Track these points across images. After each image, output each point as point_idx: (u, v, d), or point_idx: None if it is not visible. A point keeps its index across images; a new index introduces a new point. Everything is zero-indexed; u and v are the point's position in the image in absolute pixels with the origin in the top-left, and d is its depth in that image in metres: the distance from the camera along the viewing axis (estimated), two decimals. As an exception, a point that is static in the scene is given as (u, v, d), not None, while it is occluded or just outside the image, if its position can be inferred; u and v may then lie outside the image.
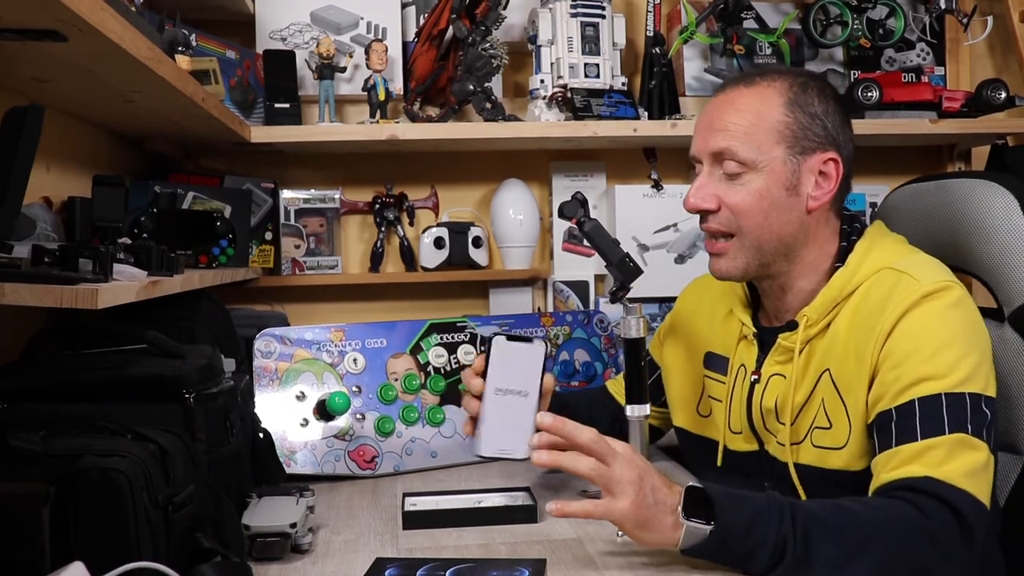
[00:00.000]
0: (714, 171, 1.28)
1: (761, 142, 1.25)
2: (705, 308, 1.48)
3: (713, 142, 1.27)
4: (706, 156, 1.28)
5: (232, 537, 1.06)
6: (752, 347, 1.35)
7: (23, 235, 1.16)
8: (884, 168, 2.23)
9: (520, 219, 2.11)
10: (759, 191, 1.25)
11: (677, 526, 1.06)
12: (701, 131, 1.30)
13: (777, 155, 1.25)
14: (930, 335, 1.16)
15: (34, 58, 1.09)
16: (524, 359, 1.29)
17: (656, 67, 2.09)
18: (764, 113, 1.26)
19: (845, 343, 1.23)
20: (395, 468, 1.58)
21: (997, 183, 1.37)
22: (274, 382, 1.55)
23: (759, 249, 1.27)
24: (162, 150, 1.91)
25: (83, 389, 1.07)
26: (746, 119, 1.25)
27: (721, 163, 1.27)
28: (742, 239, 1.27)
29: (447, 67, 2.05)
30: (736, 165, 1.25)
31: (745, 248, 1.27)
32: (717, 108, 1.29)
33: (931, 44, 2.28)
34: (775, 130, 1.25)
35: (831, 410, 1.23)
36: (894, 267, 1.23)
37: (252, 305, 2.05)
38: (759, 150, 1.24)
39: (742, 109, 1.26)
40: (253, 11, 2.04)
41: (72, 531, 0.87)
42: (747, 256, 1.28)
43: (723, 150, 1.26)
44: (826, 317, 1.26)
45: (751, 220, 1.26)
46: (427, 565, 1.10)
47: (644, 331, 1.34)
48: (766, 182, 1.25)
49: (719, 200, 1.27)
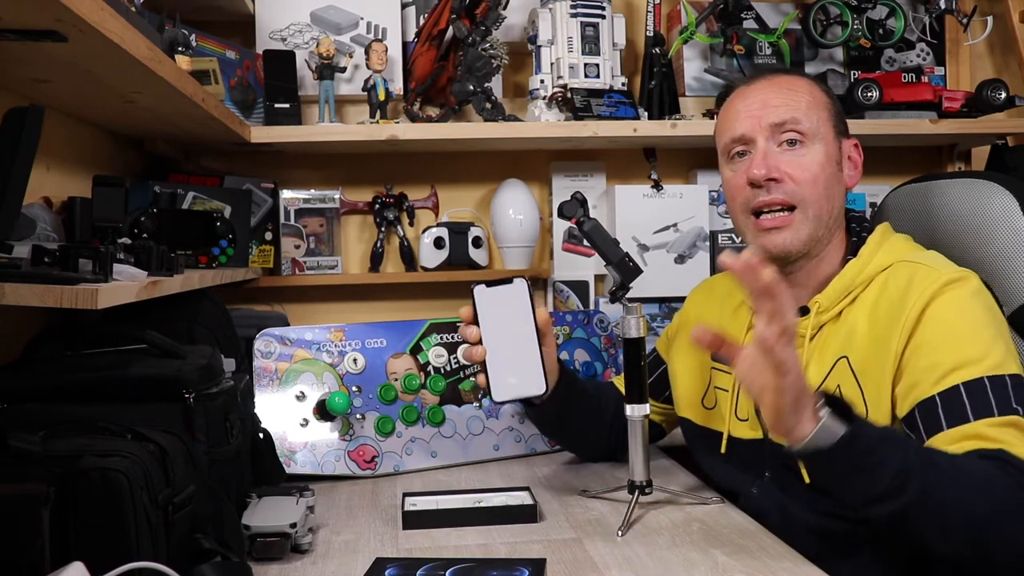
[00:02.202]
0: (771, 144, 1.31)
1: (818, 116, 1.31)
2: (714, 306, 1.49)
3: (775, 115, 1.30)
4: (764, 130, 1.30)
5: (232, 537, 1.06)
6: None
7: (23, 235, 1.16)
8: (884, 168, 2.23)
9: (520, 219, 2.11)
10: (820, 162, 1.29)
11: (814, 419, 1.03)
12: (753, 111, 1.32)
13: (829, 131, 1.31)
14: (959, 321, 1.18)
15: (34, 58, 1.09)
16: (510, 301, 1.31)
17: (656, 67, 2.09)
18: (815, 93, 1.33)
19: (865, 332, 1.24)
20: (395, 468, 1.58)
21: (997, 183, 1.38)
22: (274, 382, 1.55)
23: (819, 220, 1.30)
24: (162, 150, 1.91)
25: (83, 389, 1.07)
26: (803, 95, 1.31)
27: (780, 135, 1.30)
28: (805, 210, 1.29)
29: (447, 67, 2.05)
30: (797, 135, 1.29)
31: (808, 220, 1.29)
32: (766, 89, 1.33)
33: (931, 44, 2.28)
34: (825, 107, 1.32)
35: (848, 395, 1.23)
36: (909, 259, 1.27)
37: (252, 305, 2.05)
38: (818, 122, 1.30)
39: (797, 88, 1.32)
40: (253, 11, 2.04)
41: (72, 531, 0.87)
42: (810, 227, 1.29)
43: (787, 120, 1.29)
44: (838, 305, 1.28)
45: (815, 190, 1.29)
46: (427, 565, 1.10)
47: (644, 331, 1.34)
48: (824, 154, 1.30)
49: (782, 171, 1.29)
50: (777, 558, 1.13)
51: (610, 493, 1.40)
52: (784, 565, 1.10)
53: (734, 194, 1.34)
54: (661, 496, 1.36)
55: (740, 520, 1.28)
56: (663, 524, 1.27)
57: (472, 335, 1.31)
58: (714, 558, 1.13)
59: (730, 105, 1.36)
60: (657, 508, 1.34)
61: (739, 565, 1.11)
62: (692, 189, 2.17)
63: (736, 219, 1.36)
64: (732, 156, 1.35)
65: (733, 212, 1.36)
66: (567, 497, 1.41)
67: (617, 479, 1.45)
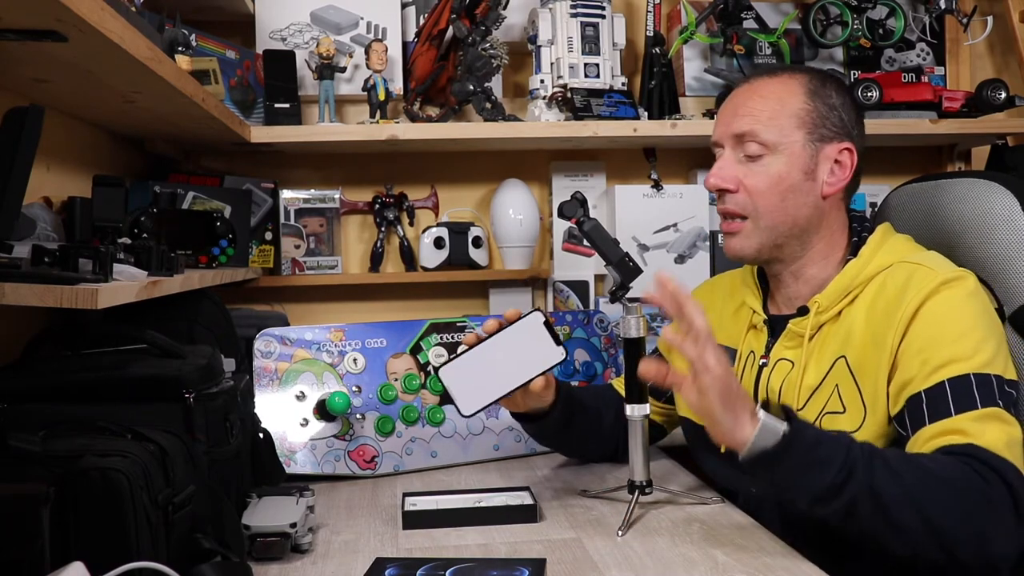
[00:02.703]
0: (735, 154, 1.33)
1: (783, 126, 1.30)
2: (716, 306, 1.49)
3: (737, 125, 1.32)
4: (728, 139, 1.33)
5: (232, 537, 1.06)
6: (762, 334, 1.38)
7: (23, 235, 1.16)
8: (884, 168, 2.23)
9: (520, 219, 2.11)
10: (778, 174, 1.30)
11: (753, 421, 1.09)
12: (725, 117, 1.35)
13: (797, 139, 1.30)
14: (952, 320, 1.20)
15: (34, 58, 1.09)
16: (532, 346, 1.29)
17: (656, 67, 2.09)
18: (786, 100, 1.32)
19: (863, 331, 1.25)
20: (395, 468, 1.58)
21: (998, 183, 1.37)
22: (274, 382, 1.55)
23: (773, 230, 1.31)
24: (162, 150, 1.91)
25: (83, 389, 1.07)
26: (770, 105, 1.31)
27: (743, 146, 1.32)
28: (756, 220, 1.32)
29: (447, 67, 2.05)
30: (757, 147, 1.30)
31: (759, 229, 1.32)
32: (742, 95, 1.35)
33: (931, 44, 2.28)
34: (796, 116, 1.31)
35: (846, 395, 1.25)
36: (908, 260, 1.28)
37: (252, 305, 2.05)
38: (780, 133, 1.30)
39: (766, 95, 1.32)
40: (253, 11, 2.04)
41: (72, 531, 0.87)
42: (761, 236, 1.32)
43: (746, 132, 1.31)
44: (838, 304, 1.29)
45: (767, 202, 1.30)
46: (427, 565, 1.10)
47: (644, 331, 1.34)
48: (785, 165, 1.30)
49: (738, 181, 1.32)
50: (777, 558, 1.13)
51: (610, 493, 1.40)
52: (784, 565, 1.10)
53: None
54: (661, 496, 1.36)
55: (740, 520, 1.28)
56: (663, 524, 1.27)
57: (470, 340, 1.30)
58: (714, 558, 1.13)
59: (721, 106, 1.40)
60: (657, 508, 1.34)
61: (739, 565, 1.11)
62: (692, 189, 2.17)
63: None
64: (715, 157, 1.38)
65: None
66: (567, 497, 1.41)
67: (617, 479, 1.45)
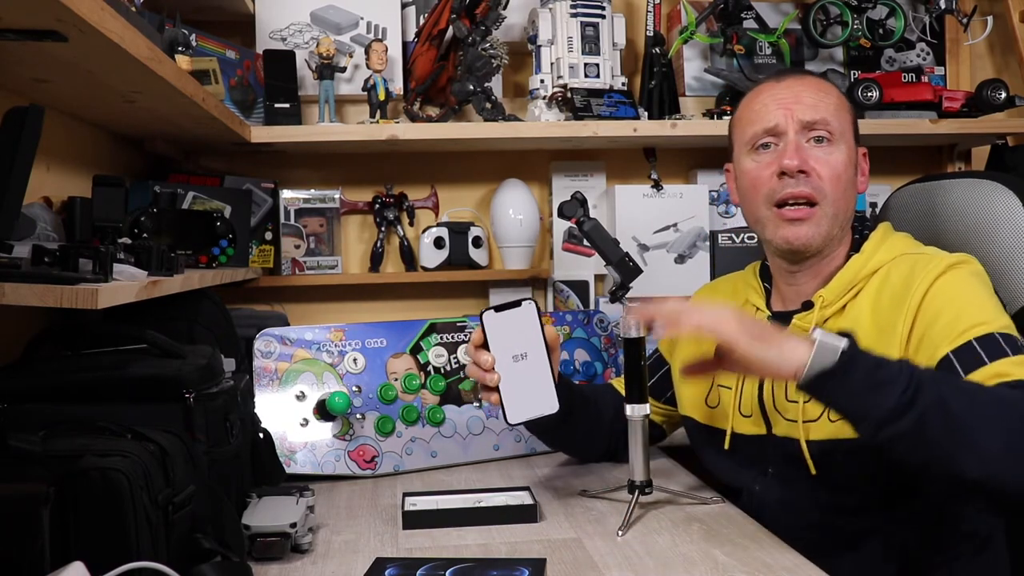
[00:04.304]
0: (800, 139, 1.32)
1: (843, 119, 1.33)
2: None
3: (807, 112, 1.31)
4: (794, 124, 1.31)
5: (232, 537, 1.06)
6: None
7: (23, 235, 1.16)
8: (884, 168, 2.23)
9: (520, 219, 2.11)
10: (843, 162, 1.31)
11: (807, 344, 1.05)
12: (786, 103, 1.32)
13: (850, 134, 1.34)
14: (967, 293, 1.21)
15: (34, 58, 1.09)
16: (520, 324, 1.30)
17: (656, 67, 2.09)
18: (842, 97, 1.36)
19: (869, 323, 1.25)
20: (395, 468, 1.58)
21: (999, 183, 1.38)
22: (274, 382, 1.55)
23: (835, 218, 1.31)
24: (162, 150, 1.91)
25: (83, 389, 1.07)
26: (832, 98, 1.33)
27: (810, 132, 1.31)
28: (825, 206, 1.30)
29: (447, 67, 2.05)
30: (827, 134, 1.31)
31: (827, 216, 1.31)
32: (794, 86, 1.34)
33: (931, 44, 2.28)
34: (849, 112, 1.35)
35: None
36: (910, 252, 1.29)
37: (252, 305, 2.05)
38: (842, 125, 1.32)
39: (823, 90, 1.34)
40: (253, 11, 2.04)
41: (72, 531, 0.87)
42: (828, 224, 1.31)
43: (818, 120, 1.30)
44: (842, 299, 1.30)
45: (837, 188, 1.31)
46: (427, 565, 1.10)
47: (644, 331, 1.34)
48: (845, 156, 1.32)
49: (810, 165, 1.30)
50: (777, 557, 1.13)
51: (610, 493, 1.40)
52: (784, 565, 1.10)
53: (757, 185, 1.33)
54: (661, 496, 1.36)
55: (740, 520, 1.28)
56: (663, 524, 1.27)
57: (486, 362, 1.29)
58: (714, 558, 1.13)
59: (756, 98, 1.36)
60: (657, 508, 1.34)
61: (739, 565, 1.10)
62: (692, 189, 2.17)
63: (756, 211, 1.35)
64: (756, 148, 1.34)
65: (754, 204, 1.35)
66: (567, 497, 1.41)
67: (617, 479, 1.44)
